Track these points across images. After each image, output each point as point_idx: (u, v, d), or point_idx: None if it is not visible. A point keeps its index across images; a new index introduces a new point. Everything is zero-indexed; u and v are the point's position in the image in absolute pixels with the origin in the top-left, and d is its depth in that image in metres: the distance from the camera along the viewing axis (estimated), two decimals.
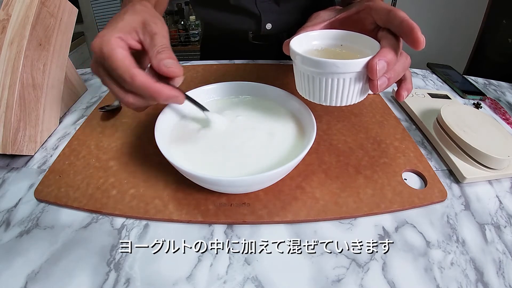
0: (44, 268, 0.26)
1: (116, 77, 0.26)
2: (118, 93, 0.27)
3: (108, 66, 0.26)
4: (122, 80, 0.25)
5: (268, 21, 0.60)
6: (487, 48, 1.60)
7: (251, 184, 0.28)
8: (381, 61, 0.26)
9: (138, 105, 0.28)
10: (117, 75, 0.25)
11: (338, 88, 0.28)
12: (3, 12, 0.38)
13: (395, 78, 0.28)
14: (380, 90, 0.27)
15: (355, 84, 0.27)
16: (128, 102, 0.27)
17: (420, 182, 0.34)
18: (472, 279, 0.25)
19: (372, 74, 0.26)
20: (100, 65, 0.27)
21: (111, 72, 0.26)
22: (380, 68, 0.26)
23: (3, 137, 0.35)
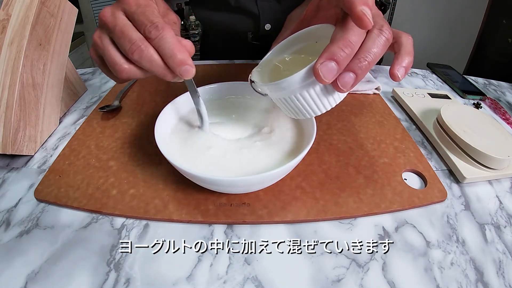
0: (44, 268, 0.26)
1: (139, 24, 0.25)
2: (116, 60, 0.26)
3: (135, 16, 0.25)
4: (150, 26, 0.24)
5: (267, 21, 0.60)
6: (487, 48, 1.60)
7: (251, 184, 0.28)
8: (325, 63, 0.22)
9: (130, 74, 0.27)
10: (143, 23, 0.25)
11: (315, 98, 0.25)
12: (3, 12, 0.38)
13: (368, 65, 0.22)
14: (349, 88, 0.23)
15: (326, 87, 0.24)
16: (121, 69, 0.26)
17: (420, 182, 0.34)
18: (472, 279, 0.25)
19: (321, 80, 0.22)
20: (105, 31, 0.26)
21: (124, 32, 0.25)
22: (328, 70, 0.22)
23: (3, 137, 0.35)
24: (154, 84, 0.51)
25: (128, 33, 0.25)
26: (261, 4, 0.57)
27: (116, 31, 0.25)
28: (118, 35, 0.25)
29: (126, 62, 0.26)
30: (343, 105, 0.46)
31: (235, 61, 0.60)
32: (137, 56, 0.25)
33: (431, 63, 0.63)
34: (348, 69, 0.22)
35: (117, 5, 0.26)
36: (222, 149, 0.31)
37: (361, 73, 0.22)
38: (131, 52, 0.25)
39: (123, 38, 0.25)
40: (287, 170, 0.28)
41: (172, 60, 0.25)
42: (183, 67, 0.25)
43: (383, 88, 0.51)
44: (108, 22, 0.26)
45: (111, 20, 0.26)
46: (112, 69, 0.27)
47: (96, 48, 0.28)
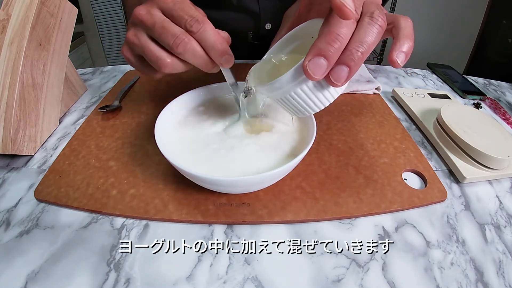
0: (44, 268, 0.26)
1: (179, 19, 0.26)
2: (158, 54, 0.27)
3: (174, 12, 0.26)
4: (191, 21, 0.26)
5: (268, 21, 0.60)
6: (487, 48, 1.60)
7: (251, 184, 0.28)
8: (313, 60, 0.21)
9: (173, 68, 0.28)
10: (183, 17, 0.26)
11: (310, 95, 0.24)
12: (3, 12, 0.38)
13: (361, 56, 0.21)
14: (343, 82, 0.22)
15: (320, 82, 0.24)
16: (164, 63, 0.27)
17: (420, 182, 0.34)
18: (472, 279, 0.25)
19: (311, 77, 0.21)
20: (142, 28, 0.27)
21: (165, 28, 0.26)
22: (316, 67, 0.21)
23: (3, 137, 0.35)
24: (154, 84, 0.51)
25: (170, 28, 0.26)
26: (262, 3, 0.57)
27: (156, 27, 0.26)
28: (159, 31, 0.26)
29: (169, 56, 0.27)
30: (343, 105, 0.46)
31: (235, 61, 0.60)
32: (182, 49, 0.26)
33: (431, 63, 0.63)
34: (340, 62, 0.21)
35: (152, 3, 0.27)
36: (222, 149, 0.31)
37: (355, 65, 0.21)
38: (176, 46, 0.26)
39: (165, 34, 0.26)
40: (287, 170, 0.28)
41: (214, 51, 0.26)
42: (224, 57, 0.27)
43: (383, 88, 0.51)
44: (145, 19, 0.27)
45: (149, 17, 0.27)
46: (154, 65, 0.28)
47: (132, 47, 0.29)
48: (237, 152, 0.30)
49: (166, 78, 0.51)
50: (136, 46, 0.28)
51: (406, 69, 0.63)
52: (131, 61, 0.30)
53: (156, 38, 0.27)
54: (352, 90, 0.49)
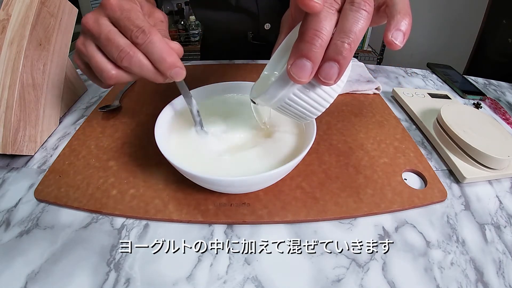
0: (44, 268, 0.26)
1: (125, 30, 0.25)
2: (103, 66, 0.26)
3: (121, 22, 0.25)
4: (137, 31, 0.24)
5: (267, 21, 0.60)
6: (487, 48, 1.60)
7: (251, 184, 0.28)
8: (295, 63, 0.20)
9: (119, 80, 0.26)
10: (129, 28, 0.24)
11: (306, 99, 0.23)
12: (3, 12, 0.38)
13: (349, 47, 0.19)
14: (335, 79, 0.20)
15: (312, 84, 0.23)
16: (109, 76, 0.26)
17: (420, 182, 0.34)
18: (472, 279, 0.25)
19: (297, 81, 0.20)
20: (90, 37, 0.26)
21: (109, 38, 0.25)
22: (300, 69, 0.20)
23: (3, 137, 0.35)
24: (154, 84, 0.51)
25: (114, 40, 0.25)
26: (260, 3, 0.57)
27: (101, 38, 0.25)
28: (104, 42, 0.25)
29: (113, 67, 0.26)
30: (343, 105, 0.46)
31: (235, 61, 0.60)
32: (127, 63, 0.25)
33: (431, 63, 0.63)
34: (326, 58, 0.20)
35: (100, 11, 0.26)
36: (222, 149, 0.31)
37: (344, 59, 0.19)
38: (120, 59, 0.25)
39: (110, 46, 0.25)
40: (287, 170, 0.28)
41: (161, 64, 0.25)
42: (174, 70, 0.25)
43: (383, 88, 0.51)
44: (92, 29, 0.25)
45: (95, 27, 0.25)
46: (99, 76, 0.27)
47: (80, 55, 0.27)
48: (237, 152, 0.30)
49: None
50: (84, 55, 0.27)
51: (406, 69, 0.63)
52: (81, 68, 0.29)
53: (102, 49, 0.26)
54: (352, 90, 0.49)
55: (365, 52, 1.86)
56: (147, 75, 0.26)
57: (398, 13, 0.20)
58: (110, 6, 0.25)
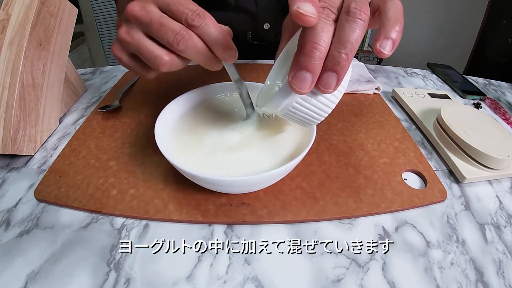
0: (44, 268, 0.26)
1: (179, 14, 0.25)
2: (156, 52, 0.25)
3: (173, 6, 0.25)
4: (192, 14, 0.24)
5: (266, 21, 0.60)
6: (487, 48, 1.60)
7: (251, 184, 0.28)
8: (296, 75, 0.20)
9: (172, 66, 0.26)
10: (183, 12, 0.24)
11: (309, 107, 0.24)
12: (3, 12, 0.38)
13: (346, 57, 0.20)
14: (334, 87, 0.21)
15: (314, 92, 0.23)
16: (162, 62, 0.26)
17: (420, 182, 0.34)
18: (472, 279, 0.25)
19: (298, 92, 0.21)
20: (136, 25, 0.26)
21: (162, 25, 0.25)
22: (300, 81, 0.20)
23: (3, 137, 0.35)
24: (154, 84, 0.51)
25: (169, 24, 0.24)
26: (260, 3, 0.57)
27: (153, 23, 0.25)
28: (157, 27, 0.25)
29: (167, 53, 0.26)
30: (343, 105, 0.46)
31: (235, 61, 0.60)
32: (183, 46, 0.25)
33: (431, 63, 0.63)
34: (325, 69, 0.20)
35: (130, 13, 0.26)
36: (222, 149, 0.31)
37: (341, 69, 0.20)
38: (177, 43, 0.24)
39: (164, 30, 0.24)
40: (287, 170, 0.28)
41: (218, 46, 0.25)
42: (228, 51, 0.25)
43: (383, 88, 0.51)
44: (140, 16, 0.25)
45: (144, 13, 0.25)
46: (151, 63, 0.26)
47: (125, 45, 0.27)
48: (237, 152, 0.30)
49: (166, 78, 0.51)
50: (130, 44, 0.26)
51: (406, 69, 0.63)
52: (123, 60, 0.28)
53: (154, 36, 0.25)
54: (352, 90, 0.49)
55: (365, 52, 1.86)
56: (202, 59, 0.26)
57: (389, 21, 0.21)
58: (136, 6, 0.25)
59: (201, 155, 0.30)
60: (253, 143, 0.31)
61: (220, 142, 0.32)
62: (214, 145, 0.31)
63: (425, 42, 1.94)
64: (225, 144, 0.31)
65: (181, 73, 0.52)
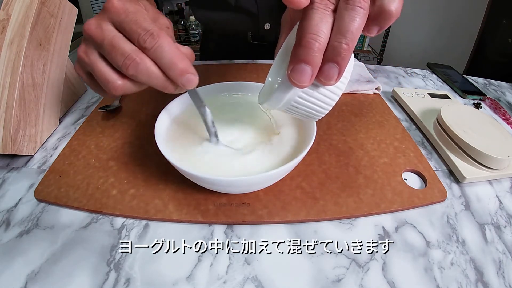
0: (44, 268, 0.26)
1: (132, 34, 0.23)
2: (108, 76, 0.24)
3: (126, 25, 0.23)
4: (144, 35, 0.22)
5: (267, 20, 0.60)
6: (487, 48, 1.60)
7: (251, 184, 0.28)
8: (295, 68, 0.20)
9: (125, 91, 0.25)
10: (136, 31, 0.23)
11: (311, 100, 0.23)
12: (3, 12, 0.38)
13: (346, 47, 0.19)
14: (336, 79, 0.20)
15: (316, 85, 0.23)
16: (114, 86, 0.24)
17: (420, 182, 0.34)
18: (472, 279, 0.25)
19: (298, 86, 0.20)
20: (92, 45, 0.24)
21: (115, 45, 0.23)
22: (300, 75, 0.20)
23: (3, 137, 0.35)
24: None
25: (119, 46, 0.23)
26: (260, 3, 0.57)
27: (105, 44, 0.23)
28: (108, 49, 0.23)
29: (119, 78, 0.24)
30: (343, 105, 0.46)
31: (235, 61, 0.60)
32: (133, 71, 0.23)
33: (431, 63, 0.63)
34: (326, 60, 0.20)
35: (103, 15, 0.24)
36: (222, 149, 0.31)
37: (342, 59, 0.20)
38: (126, 67, 0.23)
39: (114, 52, 0.23)
40: (287, 170, 0.28)
41: (172, 70, 0.23)
42: (185, 76, 0.23)
43: (383, 88, 0.51)
44: (94, 35, 0.23)
45: (98, 32, 0.23)
46: (104, 87, 0.25)
47: (82, 65, 0.26)
48: (237, 152, 0.30)
49: None
50: (86, 64, 0.25)
51: (406, 69, 0.63)
52: (83, 78, 0.27)
53: (106, 57, 0.24)
54: (352, 90, 0.49)
55: (365, 52, 1.86)
56: (156, 83, 0.24)
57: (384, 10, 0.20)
58: (114, 9, 0.23)
59: (201, 155, 0.30)
60: (254, 142, 0.31)
61: (220, 141, 0.32)
62: (214, 145, 0.31)
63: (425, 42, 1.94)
64: (225, 144, 0.31)
65: None
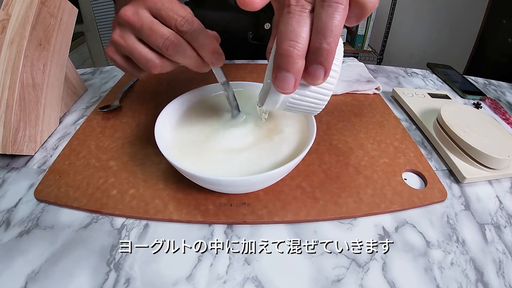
0: (44, 268, 0.26)
1: (169, 19, 0.26)
2: (148, 55, 0.27)
3: (163, 12, 0.26)
4: (181, 20, 0.25)
5: (267, 20, 0.60)
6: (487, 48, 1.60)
7: (251, 184, 0.28)
8: (277, 77, 0.20)
9: (163, 69, 0.28)
10: (173, 17, 0.26)
11: (305, 99, 0.24)
12: (3, 12, 0.38)
13: (328, 47, 0.19)
14: (323, 78, 0.20)
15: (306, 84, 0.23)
16: (154, 65, 0.27)
17: (420, 182, 0.34)
18: (472, 279, 0.25)
19: (284, 93, 0.21)
20: (129, 29, 0.27)
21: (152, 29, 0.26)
22: (283, 82, 0.20)
23: (3, 137, 0.35)
24: (154, 84, 0.51)
25: (158, 30, 0.26)
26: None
27: (144, 28, 0.26)
28: (147, 32, 0.26)
29: (158, 57, 0.27)
30: (343, 105, 0.46)
31: (235, 61, 0.60)
32: (172, 51, 0.26)
33: (431, 63, 0.63)
34: (310, 62, 0.19)
35: (138, 3, 0.27)
36: (222, 149, 0.31)
37: (325, 60, 0.19)
38: (166, 48, 0.26)
39: (154, 35, 0.26)
40: (287, 170, 0.28)
41: (205, 50, 0.26)
42: (215, 55, 0.27)
43: (383, 88, 0.51)
44: (132, 20, 0.26)
45: (136, 18, 0.26)
46: (143, 66, 0.28)
47: (118, 48, 0.28)
48: (237, 151, 0.30)
49: (166, 78, 0.51)
50: (123, 47, 0.28)
51: (406, 69, 0.63)
52: (117, 61, 0.30)
53: (145, 40, 0.26)
54: (352, 90, 0.49)
55: (365, 52, 1.86)
56: (190, 62, 0.27)
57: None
58: (129, 11, 0.26)
59: (201, 155, 0.30)
60: (254, 142, 0.31)
61: (220, 141, 0.32)
62: (214, 145, 0.31)
63: (425, 42, 1.94)
64: (225, 143, 0.31)
65: (181, 74, 0.52)
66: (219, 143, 0.31)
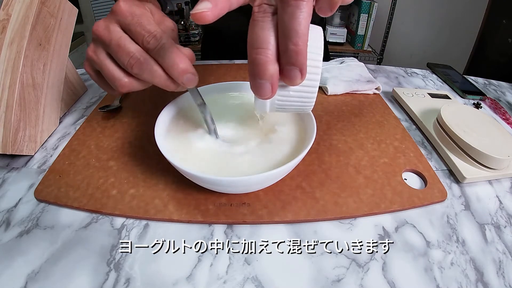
0: (44, 268, 0.26)
1: (136, 35, 0.24)
2: (115, 74, 0.26)
3: (131, 27, 0.24)
4: (148, 37, 0.24)
5: None
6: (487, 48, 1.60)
7: (251, 184, 0.28)
8: (253, 84, 0.20)
9: (131, 88, 0.26)
10: (140, 33, 0.24)
11: (291, 99, 0.24)
12: (3, 12, 0.38)
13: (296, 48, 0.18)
14: (301, 77, 0.20)
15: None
16: (121, 84, 0.26)
17: (420, 182, 0.34)
18: (472, 279, 0.25)
19: (264, 98, 0.21)
20: (101, 45, 0.26)
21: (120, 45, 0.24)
22: (259, 89, 0.20)
23: (3, 137, 0.35)
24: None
25: (125, 46, 0.24)
26: None
27: (112, 45, 0.25)
28: (114, 49, 0.25)
29: (125, 76, 0.26)
30: (343, 105, 0.46)
31: (235, 61, 0.60)
32: (137, 69, 0.24)
33: (431, 63, 0.63)
34: (283, 64, 0.19)
35: (111, 18, 0.26)
36: (222, 149, 0.31)
37: (297, 60, 0.19)
38: (130, 66, 0.24)
39: (120, 52, 0.24)
40: (287, 170, 0.28)
41: (174, 69, 0.24)
42: (186, 75, 0.25)
43: (383, 88, 0.51)
44: (102, 36, 0.25)
45: (106, 33, 0.25)
46: (111, 84, 0.26)
47: (92, 63, 0.27)
48: (237, 152, 0.30)
49: None
50: (95, 63, 0.27)
51: (406, 69, 0.63)
52: (91, 76, 0.29)
53: (114, 56, 0.25)
54: (352, 90, 0.49)
55: (365, 52, 1.86)
56: (158, 82, 0.25)
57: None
58: (121, 11, 0.25)
59: (202, 155, 0.30)
60: (254, 142, 0.31)
61: (220, 142, 0.32)
62: (214, 145, 0.31)
63: (425, 42, 1.94)
64: (225, 144, 0.31)
65: None
66: (219, 143, 0.31)
